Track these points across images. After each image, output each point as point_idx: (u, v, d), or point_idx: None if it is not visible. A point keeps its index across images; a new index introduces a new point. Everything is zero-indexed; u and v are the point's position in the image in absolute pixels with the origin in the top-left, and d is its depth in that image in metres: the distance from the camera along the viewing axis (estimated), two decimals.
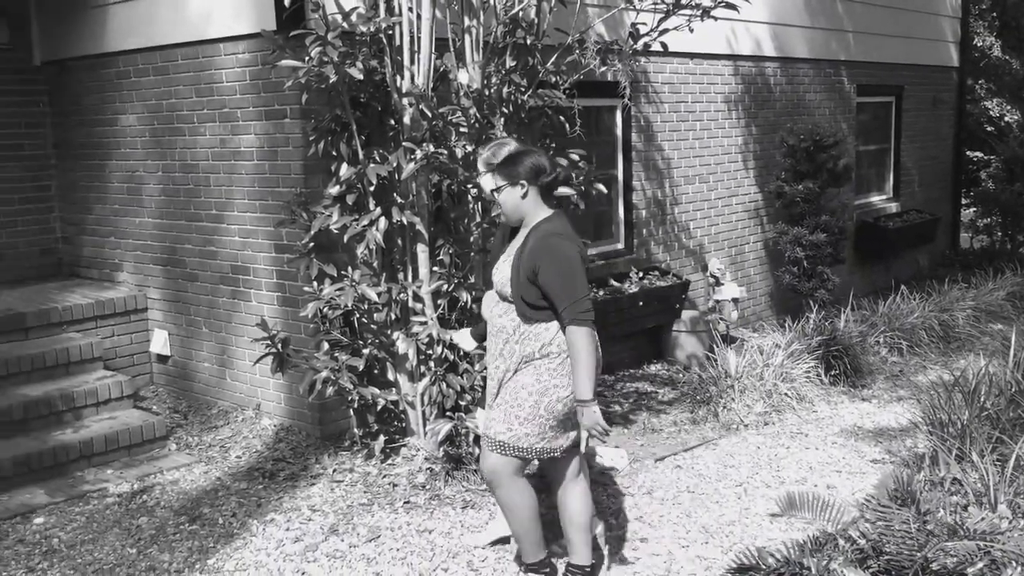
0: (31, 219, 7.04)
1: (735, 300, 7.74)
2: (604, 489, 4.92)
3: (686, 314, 7.50)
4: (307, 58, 4.57)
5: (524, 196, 3.54)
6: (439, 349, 4.86)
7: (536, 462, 3.83)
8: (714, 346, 6.92)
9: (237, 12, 5.50)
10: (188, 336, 6.34)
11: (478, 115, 4.80)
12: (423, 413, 5.09)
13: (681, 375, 7.06)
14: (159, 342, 6.51)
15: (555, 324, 3.53)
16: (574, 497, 3.75)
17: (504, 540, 4.22)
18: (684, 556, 4.20)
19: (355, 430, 5.26)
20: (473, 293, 4.93)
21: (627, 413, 6.26)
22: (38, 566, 4.06)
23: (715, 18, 5.58)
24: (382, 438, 5.12)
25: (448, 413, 4.97)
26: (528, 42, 5.03)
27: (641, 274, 7.27)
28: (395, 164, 4.67)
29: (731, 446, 5.62)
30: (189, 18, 5.83)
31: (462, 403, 4.99)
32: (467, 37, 4.93)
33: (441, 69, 4.98)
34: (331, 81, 4.56)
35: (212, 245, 6.03)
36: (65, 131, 7.00)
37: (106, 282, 6.86)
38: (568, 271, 3.43)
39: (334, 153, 4.99)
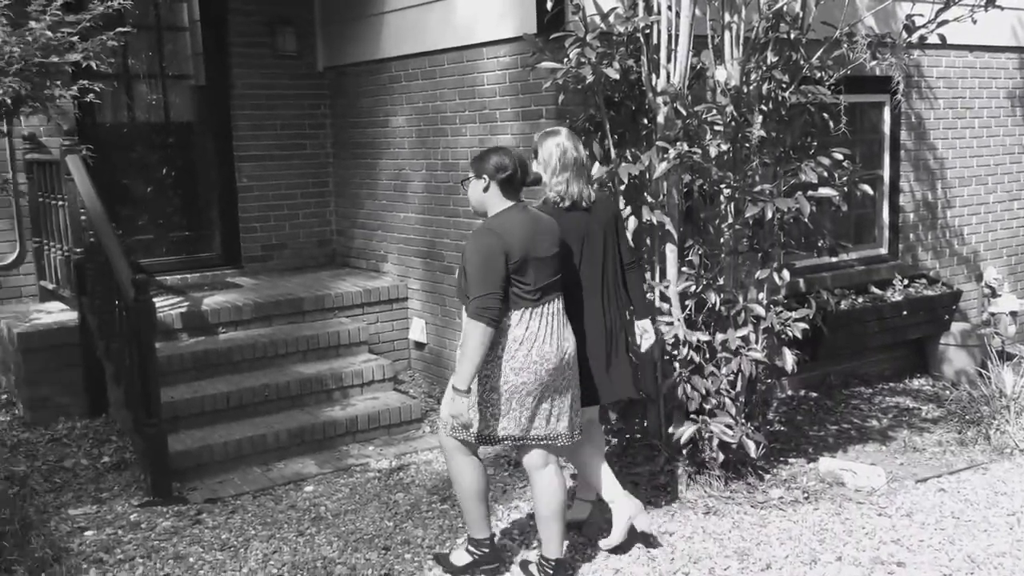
0: (310, 212, 7.69)
1: (1013, 313, 7.06)
2: (858, 508, 4.66)
3: (956, 326, 6.93)
4: (565, 59, 4.66)
5: (486, 190, 3.71)
6: (684, 350, 4.80)
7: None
8: (987, 362, 6.35)
9: (501, 18, 5.71)
10: (442, 325, 6.67)
11: (735, 113, 4.68)
12: (666, 413, 5.05)
13: (948, 392, 6.54)
14: (417, 330, 6.90)
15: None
16: (538, 487, 3.83)
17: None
18: None
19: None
20: (722, 295, 4.83)
21: (885, 429, 5.88)
22: (307, 531, 4.43)
23: (1001, 7, 5.12)
24: (623, 434, 5.14)
25: (692, 416, 4.90)
26: (792, 37, 4.84)
27: (906, 282, 6.81)
28: (647, 163, 4.66)
29: (1004, 472, 5.13)
30: (456, 25, 6.12)
31: (707, 406, 4.90)
32: (727, 33, 4.83)
33: (697, 67, 4.91)
34: (587, 81, 4.63)
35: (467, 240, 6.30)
36: (342, 131, 7.58)
37: (372, 272, 7.37)
38: (475, 265, 3.58)
39: (587, 152, 5.05)
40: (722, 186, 4.81)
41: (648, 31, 4.81)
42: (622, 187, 4.90)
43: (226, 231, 7.45)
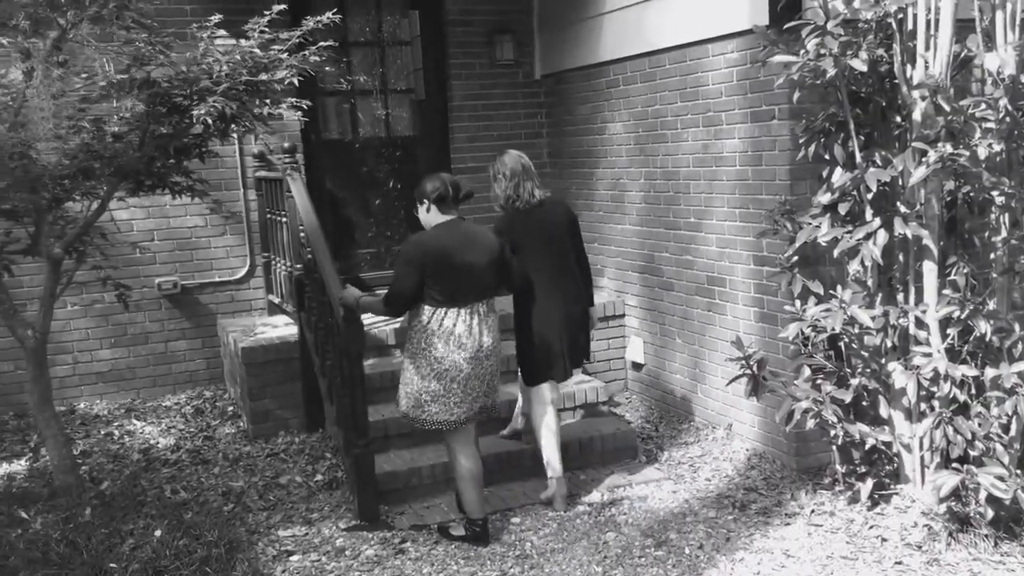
0: None
1: None
2: None
3: None
4: (801, 51, 4.11)
5: (428, 211, 4.38)
6: (946, 387, 4.10)
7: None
8: None
9: (728, 10, 5.21)
10: (662, 346, 6.22)
11: (1010, 107, 3.95)
12: (922, 459, 4.35)
13: None
14: (635, 349, 6.50)
15: (418, 310, 4.29)
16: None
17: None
18: None
19: (837, 467, 4.69)
20: (992, 322, 4.08)
21: None
22: (510, 570, 4.14)
23: None
24: (870, 481, 4.49)
25: (954, 464, 4.18)
26: None
27: None
28: (900, 168, 4.02)
29: None
30: (678, 21, 5.68)
31: (972, 453, 4.16)
32: (998, 14, 4.09)
33: (962, 55, 4.21)
34: (828, 75, 4.06)
35: (689, 254, 5.84)
36: (558, 140, 7.31)
37: None
38: (397, 268, 4.30)
39: (826, 157, 4.46)
40: (994, 193, 4.07)
41: (901, 15, 4.16)
42: (869, 195, 4.27)
43: None
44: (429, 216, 4.39)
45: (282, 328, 6.24)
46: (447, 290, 4.22)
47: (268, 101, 4.10)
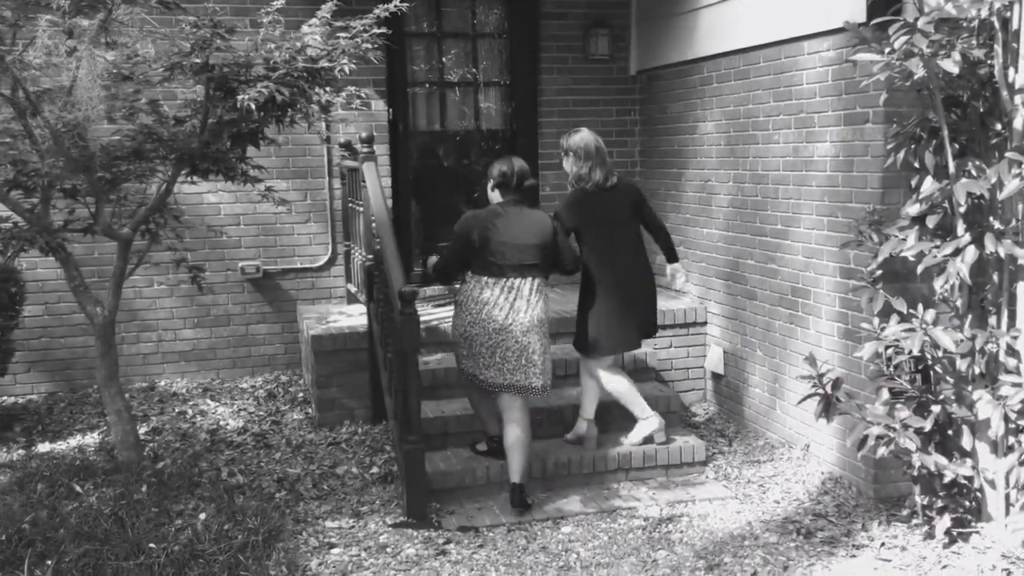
0: None
1: None
2: None
3: None
4: (888, 50, 3.80)
5: (492, 188, 4.76)
6: None
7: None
8: None
9: (825, 5, 4.90)
10: (742, 357, 5.94)
11: None
12: (1007, 497, 3.99)
13: None
14: (714, 359, 6.23)
15: (464, 277, 4.74)
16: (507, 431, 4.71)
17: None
18: None
19: (917, 498, 4.34)
20: None
21: None
22: None
23: None
24: (947, 517, 4.14)
25: None
26: None
27: None
28: (994, 180, 3.67)
29: None
30: (773, 16, 5.39)
31: None
32: None
33: None
34: (916, 77, 3.74)
35: (774, 263, 5.54)
36: (650, 139, 7.09)
37: (671, 291, 6.79)
38: (452, 238, 4.71)
39: (916, 165, 4.13)
40: None
41: (1007, 14, 3.80)
42: (961, 208, 3.92)
43: None
44: (492, 194, 4.77)
45: (356, 317, 6.25)
46: (489, 262, 4.57)
47: (328, 88, 4.06)
